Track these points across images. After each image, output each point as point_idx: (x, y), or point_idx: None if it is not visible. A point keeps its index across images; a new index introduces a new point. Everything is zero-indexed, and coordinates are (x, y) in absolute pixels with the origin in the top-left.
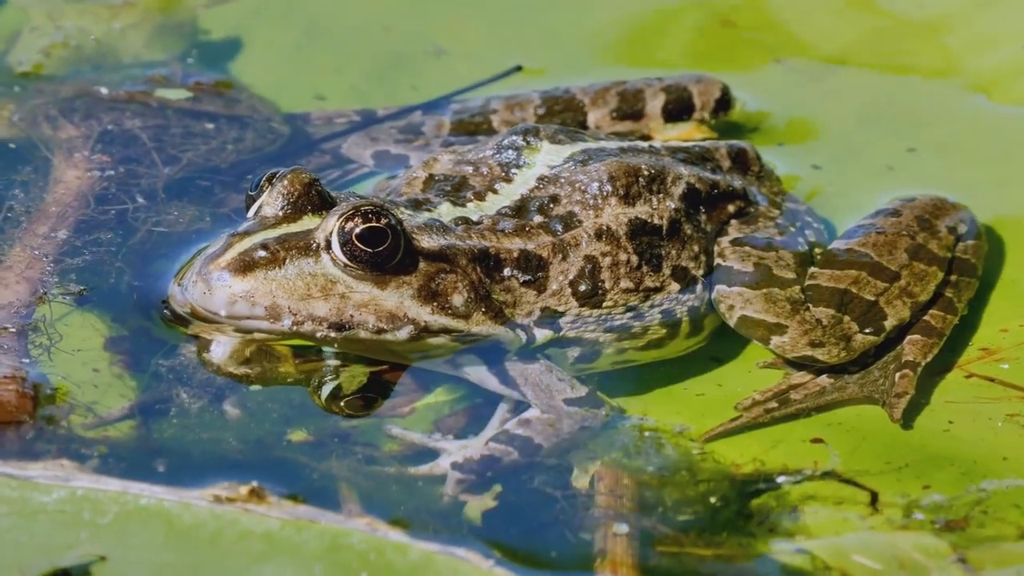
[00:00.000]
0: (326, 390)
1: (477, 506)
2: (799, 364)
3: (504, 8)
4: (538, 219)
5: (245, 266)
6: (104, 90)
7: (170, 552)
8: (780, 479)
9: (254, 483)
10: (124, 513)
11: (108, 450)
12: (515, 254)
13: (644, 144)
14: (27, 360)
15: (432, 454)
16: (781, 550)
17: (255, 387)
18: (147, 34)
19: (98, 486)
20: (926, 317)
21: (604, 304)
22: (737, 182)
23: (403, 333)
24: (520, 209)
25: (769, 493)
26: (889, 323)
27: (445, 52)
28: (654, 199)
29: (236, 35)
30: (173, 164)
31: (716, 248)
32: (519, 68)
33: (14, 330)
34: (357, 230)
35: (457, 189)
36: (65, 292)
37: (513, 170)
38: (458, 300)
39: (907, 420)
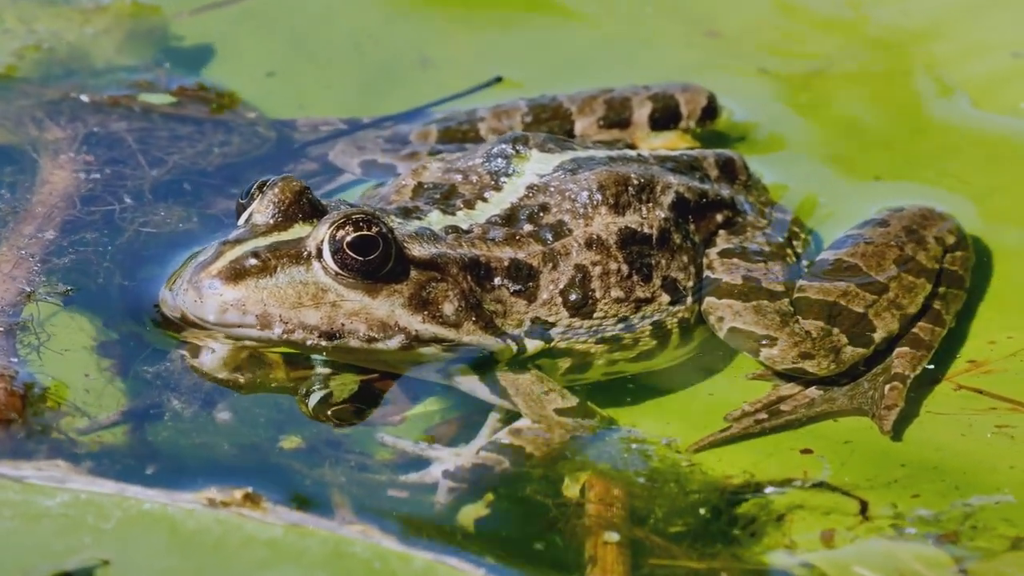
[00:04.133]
0: (316, 398)
1: (469, 514)
2: (789, 376)
3: (489, 19)
4: (528, 228)
5: (236, 274)
6: (85, 98)
7: (173, 557)
8: (770, 490)
9: (249, 488)
10: (127, 518)
11: (100, 451)
12: (505, 263)
13: (633, 153)
14: (15, 359)
15: (424, 462)
16: (779, 562)
17: (246, 393)
18: (119, 40)
19: (92, 488)
20: (915, 329)
21: (595, 314)
22: (725, 191)
23: (394, 342)
24: (510, 218)
25: (759, 504)
26: (878, 335)
27: (431, 63)
28: (644, 208)
29: (210, 41)
30: (159, 166)
31: (705, 259)
32: (499, 79)
33: (1, 329)
34: (348, 238)
35: (447, 197)
36: (51, 292)
37: (502, 179)
38: (449, 309)
39: (897, 432)
